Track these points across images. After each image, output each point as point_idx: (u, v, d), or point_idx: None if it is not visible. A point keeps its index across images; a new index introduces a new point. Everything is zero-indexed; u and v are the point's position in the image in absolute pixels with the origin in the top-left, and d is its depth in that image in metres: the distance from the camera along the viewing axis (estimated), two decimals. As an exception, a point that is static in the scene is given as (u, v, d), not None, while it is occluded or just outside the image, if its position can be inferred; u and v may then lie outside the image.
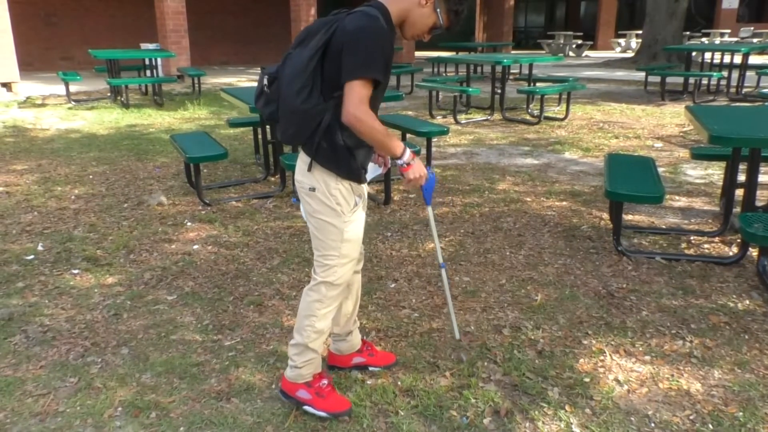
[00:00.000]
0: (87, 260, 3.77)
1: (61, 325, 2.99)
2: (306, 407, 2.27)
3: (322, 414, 2.24)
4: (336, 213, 2.12)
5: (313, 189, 2.11)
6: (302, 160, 2.15)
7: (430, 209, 2.50)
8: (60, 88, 11.06)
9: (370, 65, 1.90)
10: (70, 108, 9.83)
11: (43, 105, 10.17)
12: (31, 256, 3.82)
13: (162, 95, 10.51)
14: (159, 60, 11.97)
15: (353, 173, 2.12)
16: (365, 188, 2.25)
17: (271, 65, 2.17)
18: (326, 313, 2.22)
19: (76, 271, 3.62)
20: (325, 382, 2.31)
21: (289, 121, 2.06)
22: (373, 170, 2.54)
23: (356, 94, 1.90)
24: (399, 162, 2.12)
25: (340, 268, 2.19)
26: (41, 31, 15.81)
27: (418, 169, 2.17)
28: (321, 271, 2.19)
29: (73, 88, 10.95)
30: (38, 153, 6.68)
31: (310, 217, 2.17)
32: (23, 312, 3.11)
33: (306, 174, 2.12)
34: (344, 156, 2.07)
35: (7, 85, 10.67)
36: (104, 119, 8.82)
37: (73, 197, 5.07)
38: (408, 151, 2.11)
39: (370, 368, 2.56)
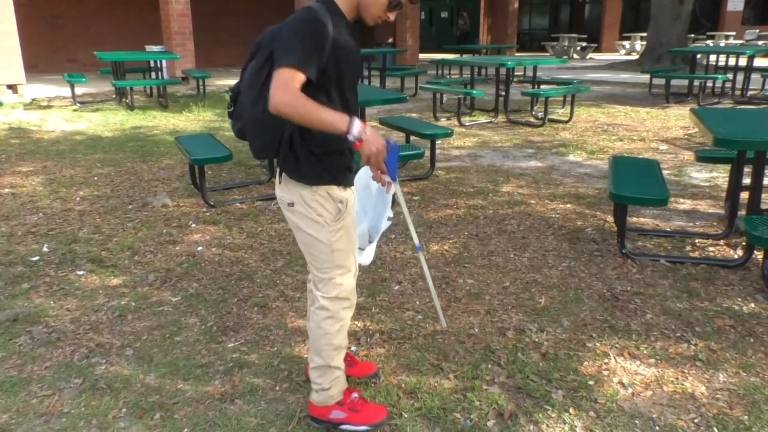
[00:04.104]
0: (92, 261, 3.78)
1: (65, 326, 3.00)
2: (344, 426, 2.18)
3: (364, 428, 2.18)
4: (319, 225, 2.03)
5: (291, 204, 2.04)
6: (279, 173, 2.11)
7: (397, 186, 2.13)
8: (65, 90, 11.12)
9: (288, 54, 1.81)
10: (75, 110, 9.87)
11: (48, 107, 10.21)
12: (37, 258, 3.84)
13: (167, 97, 10.54)
14: (164, 62, 12.01)
15: (322, 177, 2.01)
16: (350, 192, 2.13)
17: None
18: (340, 327, 2.14)
19: (80, 273, 3.63)
20: (356, 395, 2.24)
21: (254, 135, 2.01)
22: (381, 200, 2.36)
23: (276, 81, 1.79)
24: (350, 138, 1.87)
25: (340, 278, 2.10)
26: (47, 33, 15.91)
27: (373, 142, 1.90)
28: (322, 287, 2.11)
29: (78, 90, 11.01)
30: (43, 155, 6.71)
31: (296, 232, 2.11)
32: (28, 313, 3.12)
33: (282, 188, 2.07)
34: (310, 163, 2.00)
35: (12, 87, 10.73)
36: (109, 121, 8.85)
37: (78, 199, 5.09)
38: (356, 122, 1.85)
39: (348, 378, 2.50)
